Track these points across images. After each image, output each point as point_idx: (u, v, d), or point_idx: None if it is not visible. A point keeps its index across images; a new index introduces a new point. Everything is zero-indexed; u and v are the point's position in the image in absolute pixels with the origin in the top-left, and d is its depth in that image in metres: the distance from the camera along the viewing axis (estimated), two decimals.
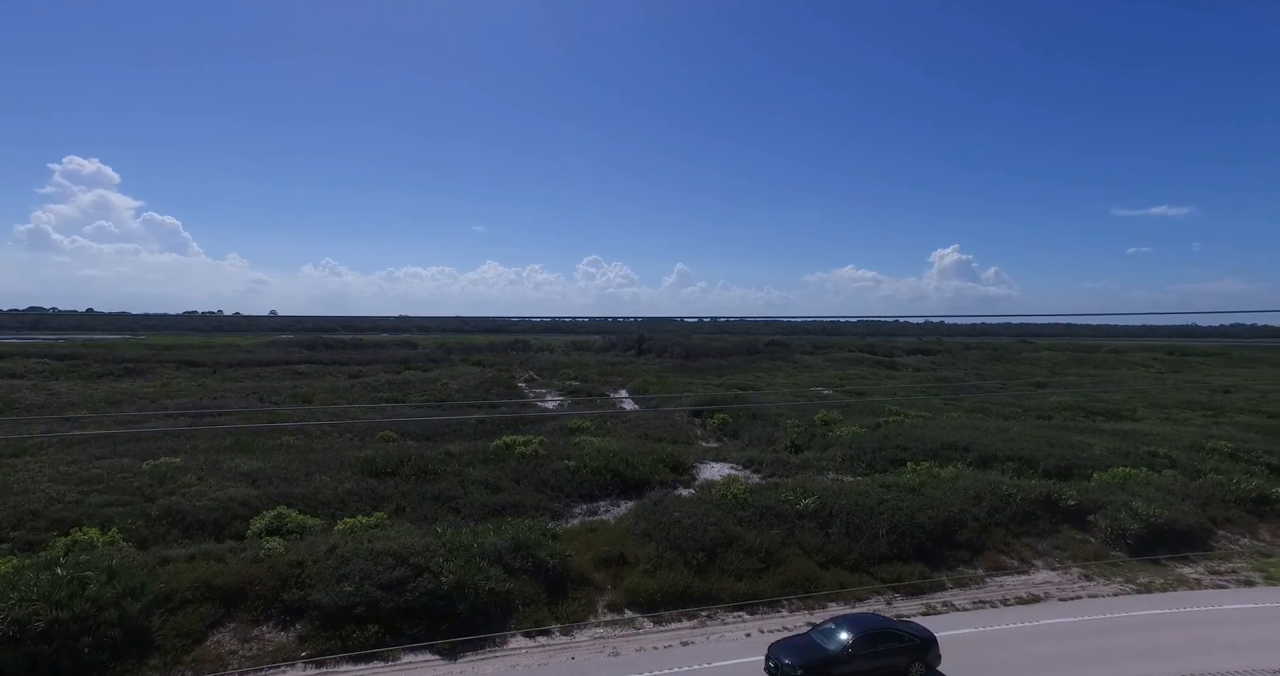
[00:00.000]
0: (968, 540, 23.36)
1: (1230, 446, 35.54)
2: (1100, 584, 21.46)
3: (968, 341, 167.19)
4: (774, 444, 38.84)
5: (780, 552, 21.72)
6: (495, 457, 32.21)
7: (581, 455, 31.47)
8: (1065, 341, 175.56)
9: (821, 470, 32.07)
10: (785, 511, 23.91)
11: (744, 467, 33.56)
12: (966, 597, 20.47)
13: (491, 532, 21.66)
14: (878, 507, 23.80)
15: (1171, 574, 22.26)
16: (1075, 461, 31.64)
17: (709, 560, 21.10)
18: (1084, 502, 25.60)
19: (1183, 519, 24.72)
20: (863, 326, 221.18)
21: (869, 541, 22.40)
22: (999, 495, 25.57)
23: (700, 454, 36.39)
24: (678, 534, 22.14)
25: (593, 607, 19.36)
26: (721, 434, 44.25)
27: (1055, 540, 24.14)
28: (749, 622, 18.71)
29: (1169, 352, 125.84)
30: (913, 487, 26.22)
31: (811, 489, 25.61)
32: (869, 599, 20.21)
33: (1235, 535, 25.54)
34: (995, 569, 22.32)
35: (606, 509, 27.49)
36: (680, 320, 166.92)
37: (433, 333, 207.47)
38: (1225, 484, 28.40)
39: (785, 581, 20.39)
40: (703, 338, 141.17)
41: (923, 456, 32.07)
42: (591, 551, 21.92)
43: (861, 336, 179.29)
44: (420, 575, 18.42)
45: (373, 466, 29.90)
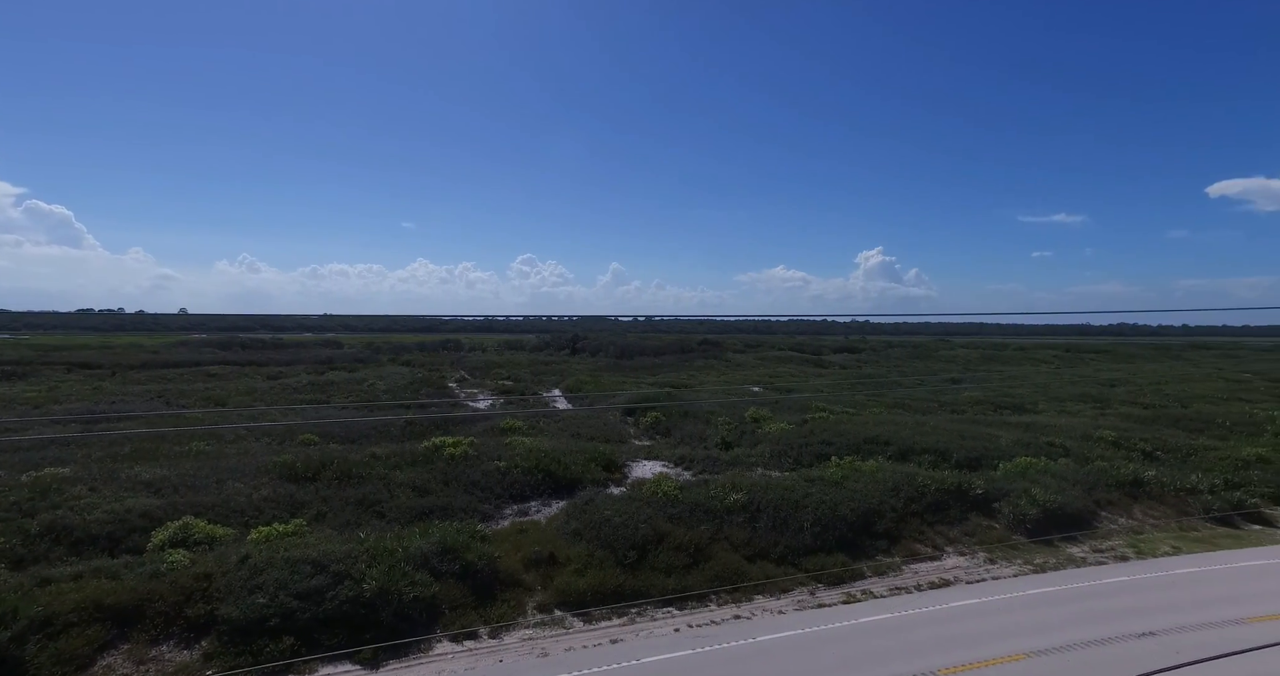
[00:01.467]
0: (886, 530, 24.45)
1: (1113, 435, 38.65)
2: (1002, 566, 22.93)
3: (890, 340, 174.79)
4: (705, 441, 39.48)
5: (709, 548, 22.13)
6: (424, 459, 31.39)
7: (513, 455, 31.09)
8: (978, 339, 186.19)
9: (751, 466, 32.84)
10: (715, 507, 24.37)
11: (675, 465, 33.97)
12: (884, 585, 21.44)
13: (418, 536, 21.12)
14: (803, 501, 24.59)
15: (1062, 553, 24.04)
16: (984, 453, 33.62)
17: (640, 557, 21.27)
18: (990, 491, 27.27)
19: (1073, 503, 26.72)
20: (793, 325, 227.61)
21: (794, 534, 23.12)
22: (915, 486, 26.87)
23: (633, 452, 36.58)
24: (608, 532, 22.22)
25: (522, 609, 19.19)
26: (654, 432, 44.62)
27: (964, 527, 25.61)
28: (678, 617, 18.98)
29: (1066, 350, 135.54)
30: (836, 481, 27.23)
31: (740, 484, 26.19)
32: (793, 590, 20.87)
33: (1115, 515, 27.79)
34: (911, 556, 23.47)
35: (538, 509, 27.28)
36: (615, 319, 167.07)
37: (359, 332, 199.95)
38: (1108, 470, 30.87)
39: (714, 575, 20.79)
40: (637, 336, 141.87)
41: (846, 451, 33.32)
42: (521, 552, 21.72)
43: (791, 335, 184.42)
44: (341, 583, 17.75)
45: (292, 471, 28.57)
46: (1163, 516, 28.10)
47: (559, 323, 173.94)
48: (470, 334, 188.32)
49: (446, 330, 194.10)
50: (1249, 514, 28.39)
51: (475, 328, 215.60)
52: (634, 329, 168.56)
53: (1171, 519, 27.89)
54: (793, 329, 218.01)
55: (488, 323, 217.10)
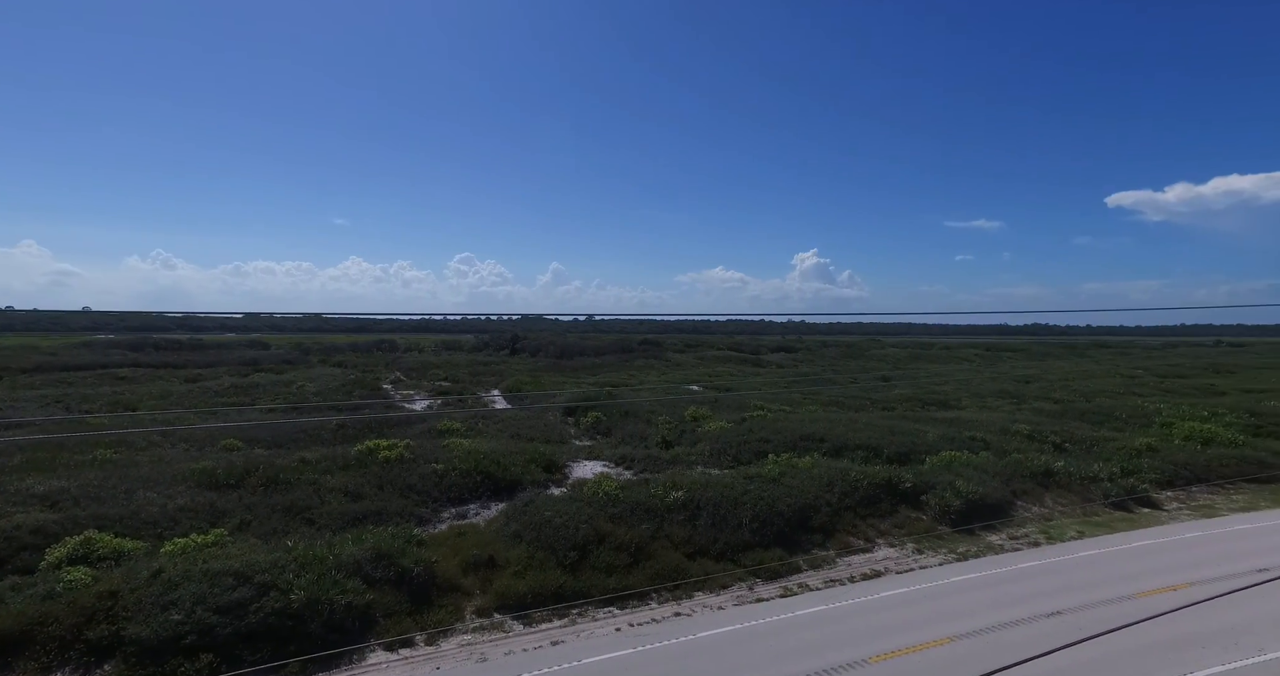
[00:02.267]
0: (821, 524, 25.21)
1: (1028, 429, 41.10)
2: (929, 556, 24.02)
3: (825, 339, 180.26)
4: (646, 440, 39.71)
5: (650, 546, 22.27)
6: (357, 463, 30.35)
7: (451, 457, 30.44)
8: (906, 339, 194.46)
9: (691, 464, 33.24)
10: (655, 506, 24.55)
11: (616, 465, 34.03)
12: (819, 578, 22.10)
13: (350, 543, 20.42)
14: (742, 498, 25.07)
15: (982, 542, 25.40)
16: (912, 447, 35.11)
17: (580, 558, 21.21)
18: (918, 484, 28.51)
19: (992, 494, 28.26)
20: (731, 325, 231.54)
21: (734, 530, 23.54)
22: (849, 481, 27.81)
23: (573, 452, 36.43)
24: (549, 533, 22.06)
25: (460, 614, 18.83)
26: (595, 432, 44.58)
27: (895, 519, 26.69)
28: (619, 617, 19.03)
29: (986, 349, 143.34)
30: (774, 478, 27.88)
31: (681, 483, 26.47)
32: (733, 586, 21.25)
33: (1029, 504, 29.56)
34: (844, 549, 24.29)
35: (476, 511, 26.82)
36: (555, 319, 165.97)
37: (288, 332, 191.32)
38: (1023, 461, 32.78)
39: (654, 573, 20.94)
40: (577, 336, 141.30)
41: (783, 448, 34.17)
42: (460, 556, 21.32)
43: (730, 335, 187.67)
44: (266, 594, 16.95)
45: (212, 478, 27.08)
46: (1070, 503, 30.06)
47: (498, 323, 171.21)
48: (406, 334, 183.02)
49: (381, 330, 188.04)
50: (1140, 498, 30.72)
51: (411, 328, 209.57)
52: (574, 329, 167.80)
53: (1077, 505, 29.87)
54: (731, 329, 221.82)
55: (424, 322, 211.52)
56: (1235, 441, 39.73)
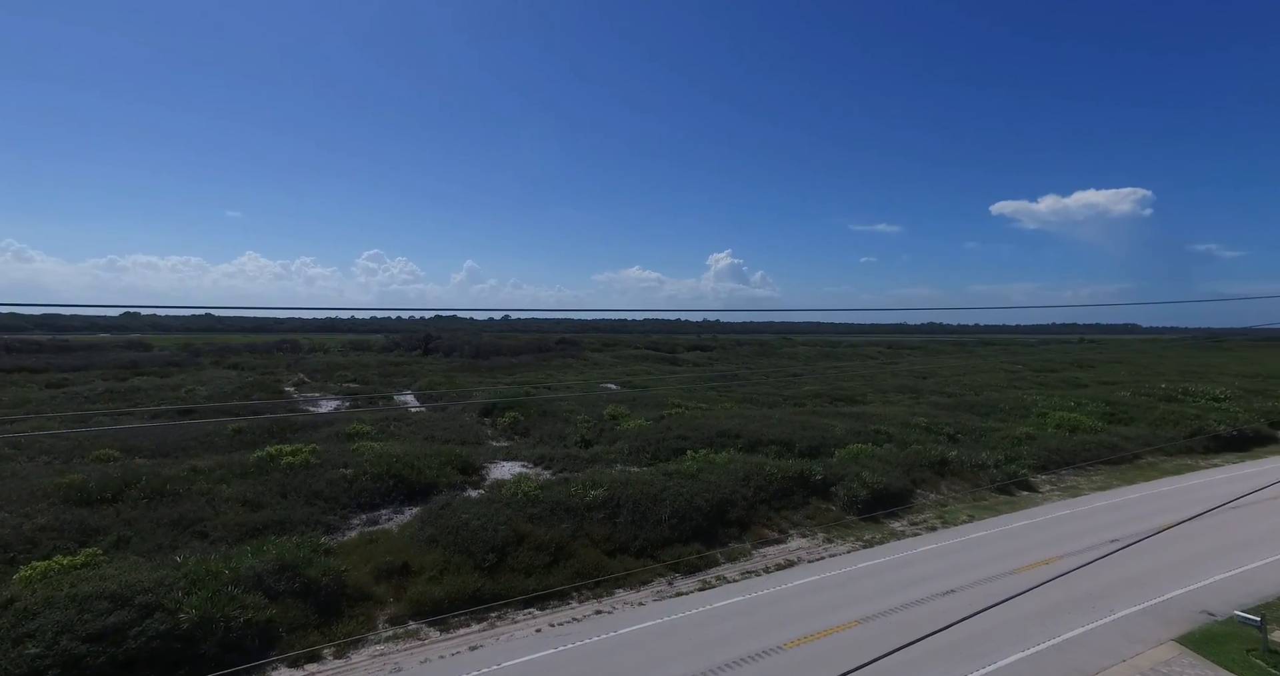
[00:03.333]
0: (738, 518, 25.94)
1: (925, 421, 43.95)
2: (838, 544, 25.24)
3: (739, 338, 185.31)
4: (564, 440, 39.48)
5: (570, 545, 22.18)
6: (256, 470, 28.46)
7: (361, 461, 29.12)
8: (815, 337, 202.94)
9: (610, 463, 33.33)
10: (575, 505, 24.47)
11: (535, 465, 33.65)
12: (736, 570, 22.75)
13: (250, 555, 19.17)
14: (661, 495, 25.40)
15: (886, 529, 26.96)
16: (822, 441, 36.73)
17: (499, 560, 20.85)
18: (828, 476, 29.88)
19: (894, 483, 30.03)
20: (648, 324, 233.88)
21: (653, 527, 23.82)
22: (763, 475, 28.75)
23: (491, 453, 35.71)
24: (466, 536, 21.55)
25: (373, 623, 18.08)
26: (512, 432, 43.88)
27: (806, 511, 27.85)
28: (539, 618, 18.85)
29: (888, 347, 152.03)
30: (692, 474, 28.43)
31: (600, 481, 26.51)
32: (653, 582, 21.51)
33: (926, 492, 31.65)
34: (760, 541, 25.11)
35: (389, 517, 25.79)
36: (470, 318, 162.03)
37: (174, 332, 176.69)
38: (921, 452, 35.06)
39: (575, 572, 20.88)
40: (493, 336, 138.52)
41: (701, 444, 34.88)
42: (372, 563, 20.47)
43: (647, 334, 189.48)
44: (149, 616, 15.62)
45: (82, 493, 24.60)
46: (961, 489, 32.41)
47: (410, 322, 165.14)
48: (311, 334, 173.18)
49: (282, 330, 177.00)
50: (1020, 482, 33.57)
51: (316, 327, 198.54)
52: (490, 328, 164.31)
53: (968, 491, 32.25)
54: (648, 328, 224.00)
55: (330, 322, 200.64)
56: (1095, 428, 44.25)
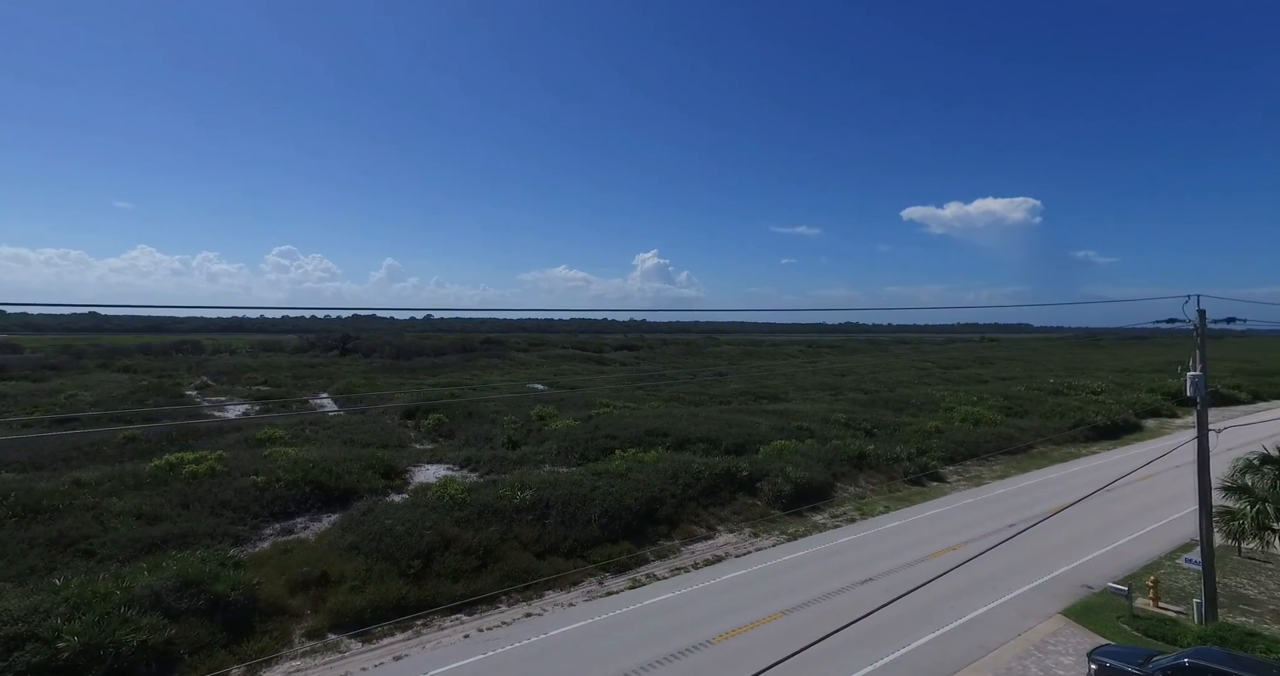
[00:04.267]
0: (667, 515, 26.26)
1: (844, 417, 45.93)
2: (764, 538, 26.01)
3: (666, 337, 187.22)
4: (491, 441, 38.79)
5: (499, 548, 21.85)
6: (153, 481, 26.49)
7: (273, 468, 27.60)
8: (740, 336, 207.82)
9: (539, 463, 33.02)
10: (504, 507, 24.12)
11: (461, 467, 32.92)
12: (666, 567, 23.04)
13: (145, 573, 17.80)
14: (590, 495, 25.39)
15: (809, 521, 28.01)
16: (747, 438, 37.70)
17: (425, 566, 20.29)
18: (754, 472, 30.71)
19: (817, 478, 31.23)
20: (575, 324, 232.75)
21: (583, 527, 23.78)
22: (691, 473, 29.24)
23: (414, 456, 34.66)
24: (390, 542, 20.84)
25: (288, 638, 17.19)
26: (437, 434, 42.72)
27: (733, 507, 28.53)
28: (467, 623, 18.47)
29: (808, 346, 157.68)
30: (621, 473, 28.56)
31: (529, 482, 26.24)
32: (583, 582, 21.48)
33: (846, 485, 33.11)
34: (688, 538, 25.52)
35: (306, 525, 24.58)
36: (391, 317, 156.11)
37: (50, 332, 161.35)
38: (841, 447, 36.64)
39: (504, 575, 20.59)
40: (415, 335, 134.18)
41: (629, 444, 35.08)
42: (287, 575, 19.46)
43: (574, 333, 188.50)
44: (19, 648, 14.23)
45: None
46: (878, 482, 34.08)
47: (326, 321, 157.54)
48: (215, 334, 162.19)
49: (182, 330, 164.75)
50: (931, 473, 35.68)
51: (221, 327, 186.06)
52: (412, 328, 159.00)
53: (884, 483, 33.95)
54: (575, 327, 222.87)
55: (237, 321, 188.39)
56: (995, 421, 47.55)
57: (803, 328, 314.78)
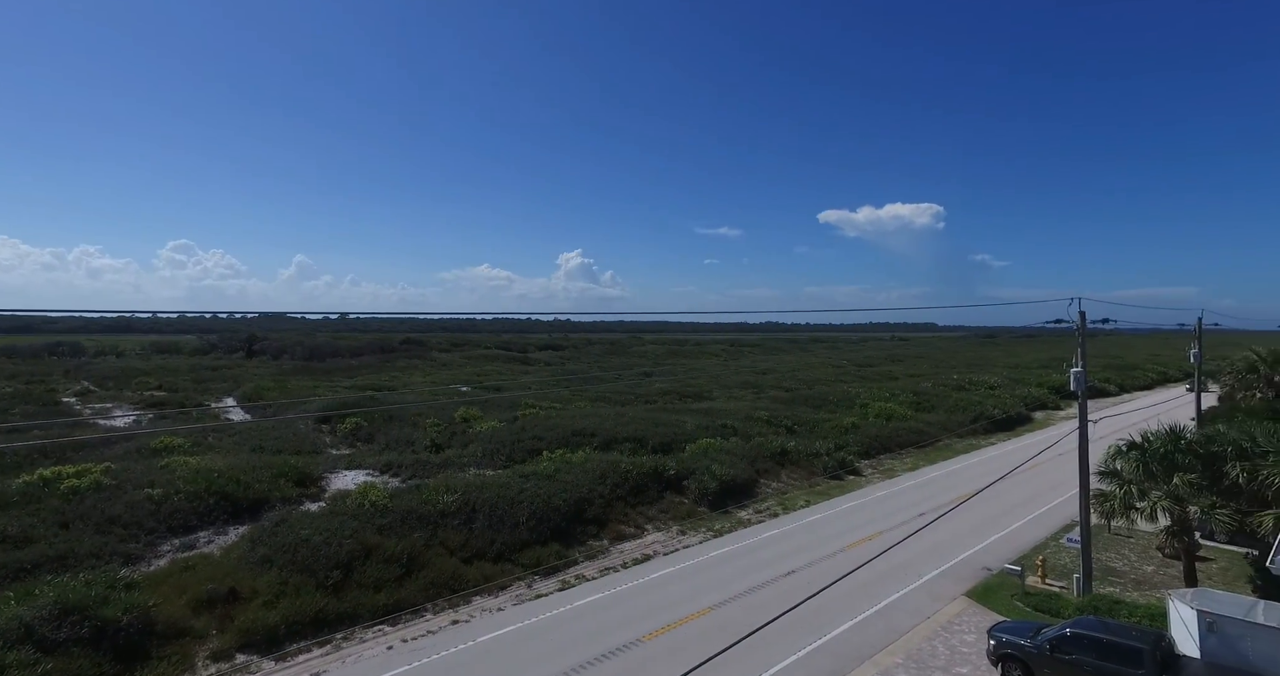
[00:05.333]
0: (596, 515, 26.26)
1: (766, 415, 47.35)
2: (691, 536, 26.46)
3: (590, 337, 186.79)
4: (414, 445, 37.60)
5: (424, 555, 21.21)
6: (23, 499, 24.07)
7: (171, 479, 25.67)
8: (664, 336, 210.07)
9: (464, 466, 32.28)
10: (428, 512, 23.44)
11: (382, 472, 31.73)
12: (595, 567, 23.04)
13: (14, 602, 16.18)
14: (518, 497, 25.06)
15: (734, 518, 28.73)
16: (674, 437, 38.19)
17: (345, 576, 19.44)
18: (680, 471, 31.17)
19: (741, 474, 32.06)
20: (499, 323, 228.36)
21: (511, 530, 23.44)
22: (619, 473, 29.35)
23: (331, 462, 33.12)
24: (306, 553, 19.84)
25: (190, 662, 16.07)
26: (355, 439, 40.97)
27: (661, 505, 28.86)
28: (390, 634, 17.84)
29: (731, 345, 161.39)
30: (549, 474, 28.33)
31: (454, 486, 25.62)
32: (512, 586, 21.18)
33: (769, 481, 34.17)
34: (617, 538, 25.62)
35: (210, 539, 23.03)
36: (303, 317, 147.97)
37: None
38: (764, 444, 37.76)
39: (429, 583, 20.01)
40: (329, 336, 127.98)
41: (556, 444, 34.84)
42: (189, 594, 18.18)
43: (497, 333, 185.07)
44: None
45: None
46: (799, 477, 35.35)
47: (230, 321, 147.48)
48: (97, 335, 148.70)
49: (56, 331, 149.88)
50: (848, 468, 37.36)
51: (104, 327, 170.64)
52: (326, 327, 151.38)
53: (804, 478, 35.25)
54: (499, 327, 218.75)
55: (125, 321, 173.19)
56: (906, 416, 50.33)
57: (725, 327, 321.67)
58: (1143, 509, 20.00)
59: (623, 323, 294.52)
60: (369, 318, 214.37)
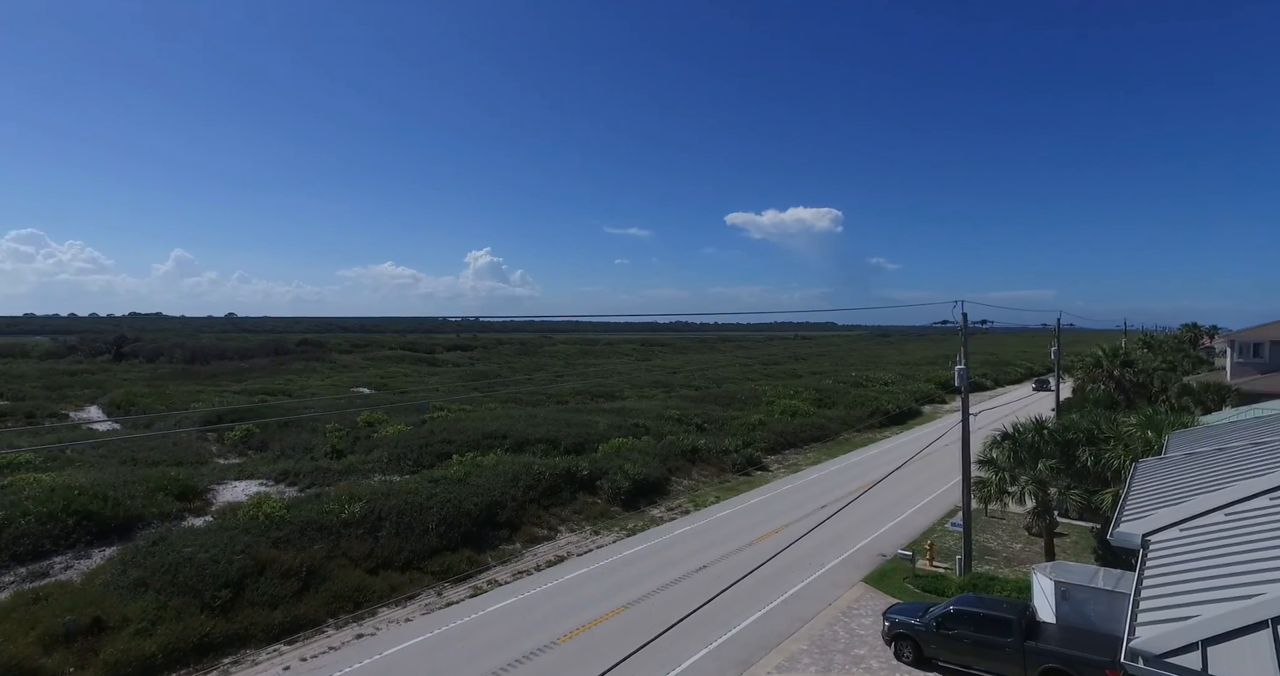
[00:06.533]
0: (508, 519, 25.82)
1: (678, 413, 48.20)
2: (604, 535, 26.55)
3: (500, 337, 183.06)
4: (313, 452, 35.50)
5: (325, 567, 20.09)
6: None
7: (19, 500, 22.88)
8: (575, 336, 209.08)
9: (368, 473, 30.83)
10: (329, 522, 22.24)
11: (278, 482, 29.77)
12: (508, 571, 22.67)
13: None
14: (427, 503, 24.24)
15: (647, 516, 29.09)
16: (586, 437, 38.11)
17: (236, 595, 18.10)
18: (593, 471, 31.18)
19: (653, 473, 32.49)
20: (403, 323, 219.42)
21: (420, 537, 22.64)
22: (532, 474, 28.99)
23: (219, 473, 30.72)
24: (189, 573, 18.30)
25: None
26: (246, 447, 38.20)
27: (574, 506, 28.76)
28: (287, 654, 16.80)
29: (642, 344, 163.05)
30: (459, 478, 27.57)
31: (359, 494, 24.43)
32: (420, 595, 20.47)
33: (680, 479, 34.85)
34: (531, 540, 25.31)
35: (67, 565, 20.70)
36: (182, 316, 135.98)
37: None
38: (675, 442, 38.44)
39: (332, 597, 19.00)
40: (215, 337, 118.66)
41: (467, 447, 33.94)
42: (39, 628, 16.25)
43: (403, 333, 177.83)
44: None
45: None
46: (709, 474, 36.25)
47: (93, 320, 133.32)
48: None
49: None
50: (756, 463, 38.73)
51: None
52: (211, 327, 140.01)
53: (714, 475, 36.19)
54: (403, 327, 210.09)
55: None
56: (809, 412, 52.72)
57: (636, 327, 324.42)
58: (1014, 493, 22.09)
59: (533, 322, 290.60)
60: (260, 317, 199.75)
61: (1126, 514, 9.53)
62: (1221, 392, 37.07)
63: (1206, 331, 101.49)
